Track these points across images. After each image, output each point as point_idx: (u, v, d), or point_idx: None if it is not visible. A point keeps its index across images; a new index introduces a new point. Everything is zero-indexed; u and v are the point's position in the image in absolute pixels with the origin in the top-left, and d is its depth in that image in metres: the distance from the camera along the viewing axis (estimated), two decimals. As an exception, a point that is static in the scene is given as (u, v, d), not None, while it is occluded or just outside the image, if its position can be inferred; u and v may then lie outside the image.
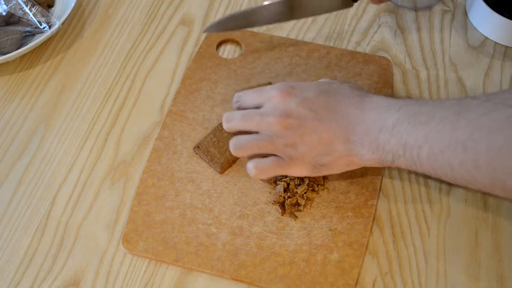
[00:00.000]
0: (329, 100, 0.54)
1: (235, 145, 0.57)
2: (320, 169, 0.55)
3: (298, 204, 0.59)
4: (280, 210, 0.59)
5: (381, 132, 0.51)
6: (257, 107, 0.57)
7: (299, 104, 0.54)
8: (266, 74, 0.69)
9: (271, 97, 0.56)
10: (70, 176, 0.63)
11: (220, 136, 0.63)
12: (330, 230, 0.58)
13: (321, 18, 0.76)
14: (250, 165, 0.57)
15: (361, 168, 0.61)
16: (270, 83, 0.68)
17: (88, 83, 0.71)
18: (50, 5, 0.78)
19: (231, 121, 0.58)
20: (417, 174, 0.62)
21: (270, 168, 0.56)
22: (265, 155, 0.57)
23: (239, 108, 0.59)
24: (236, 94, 0.60)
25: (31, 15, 0.73)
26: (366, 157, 0.53)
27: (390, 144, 0.51)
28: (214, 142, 0.63)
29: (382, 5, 0.77)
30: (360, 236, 0.57)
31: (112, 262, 0.58)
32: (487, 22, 0.72)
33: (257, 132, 0.56)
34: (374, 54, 0.72)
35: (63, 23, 0.73)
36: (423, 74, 0.70)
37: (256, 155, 0.57)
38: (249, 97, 0.58)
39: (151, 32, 0.76)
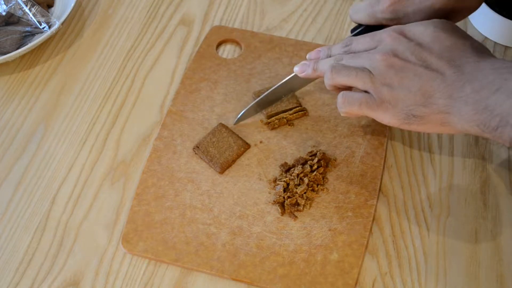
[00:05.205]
0: (443, 52, 0.50)
1: (334, 67, 0.55)
2: (412, 121, 0.51)
3: (297, 204, 0.59)
4: (279, 210, 0.59)
5: (497, 92, 0.46)
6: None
7: (408, 49, 0.51)
8: (265, 74, 0.69)
9: (381, 40, 0.54)
10: (69, 176, 0.63)
11: (219, 136, 0.63)
12: (329, 230, 0.58)
13: (321, 18, 0.76)
14: (339, 96, 0.55)
15: (361, 168, 0.61)
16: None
17: (87, 83, 0.71)
18: (49, 5, 0.78)
19: (340, 60, 0.55)
20: (417, 173, 0.62)
21: (357, 102, 0.53)
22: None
23: (348, 52, 0.57)
24: (347, 38, 0.58)
25: (31, 15, 0.73)
26: (466, 117, 0.48)
27: (502, 106, 0.46)
28: (214, 142, 0.63)
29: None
30: (359, 236, 0.57)
31: (111, 262, 0.58)
32: (487, 22, 0.72)
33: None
34: (374, 54, 0.72)
35: (62, 23, 0.73)
36: (423, 74, 0.70)
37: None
38: (361, 40, 0.56)
39: (150, 32, 0.76)
